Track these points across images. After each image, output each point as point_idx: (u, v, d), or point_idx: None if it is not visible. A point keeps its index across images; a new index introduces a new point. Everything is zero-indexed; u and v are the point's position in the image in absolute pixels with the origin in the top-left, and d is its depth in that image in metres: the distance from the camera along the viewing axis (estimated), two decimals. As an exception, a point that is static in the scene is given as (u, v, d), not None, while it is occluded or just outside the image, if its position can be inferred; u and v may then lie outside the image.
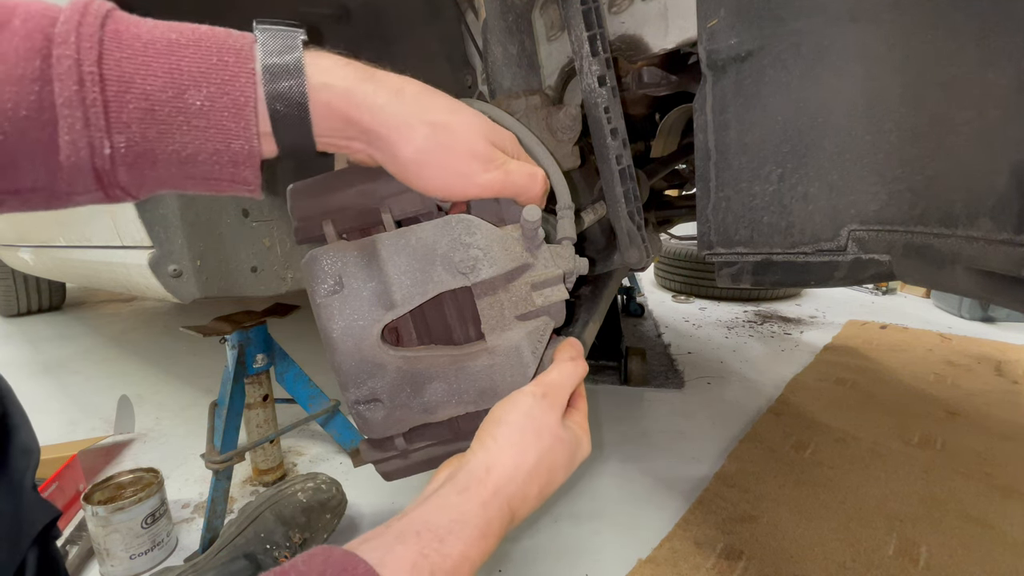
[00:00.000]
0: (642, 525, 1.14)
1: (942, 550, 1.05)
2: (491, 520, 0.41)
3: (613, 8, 0.68)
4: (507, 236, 0.49)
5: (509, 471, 0.43)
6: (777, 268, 0.60)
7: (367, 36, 1.11)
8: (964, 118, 0.41)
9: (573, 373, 0.50)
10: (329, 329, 0.48)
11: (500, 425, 0.45)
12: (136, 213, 0.85)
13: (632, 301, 2.74)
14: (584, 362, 0.53)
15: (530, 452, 0.44)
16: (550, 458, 0.45)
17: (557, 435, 0.46)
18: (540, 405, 0.46)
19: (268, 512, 1.02)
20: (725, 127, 0.56)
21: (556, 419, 0.47)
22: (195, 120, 0.34)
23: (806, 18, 0.49)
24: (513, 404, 0.46)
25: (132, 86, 0.32)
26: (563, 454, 0.46)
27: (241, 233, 1.00)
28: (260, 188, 0.39)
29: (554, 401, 0.47)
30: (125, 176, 0.34)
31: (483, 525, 0.40)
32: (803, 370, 1.99)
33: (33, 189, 0.33)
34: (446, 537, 0.38)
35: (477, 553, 0.39)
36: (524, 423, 0.45)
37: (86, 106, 0.31)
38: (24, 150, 0.31)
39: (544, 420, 0.46)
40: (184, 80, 0.33)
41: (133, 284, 1.03)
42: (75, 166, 0.32)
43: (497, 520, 0.41)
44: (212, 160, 0.35)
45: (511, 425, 0.45)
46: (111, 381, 2.10)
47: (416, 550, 0.36)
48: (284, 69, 0.36)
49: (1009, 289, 0.42)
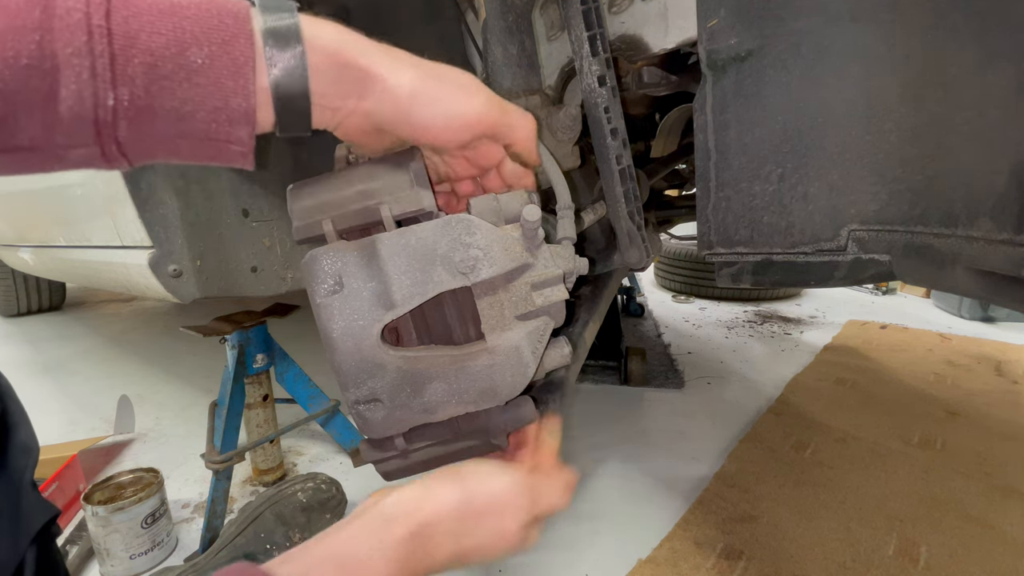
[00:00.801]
0: (642, 525, 1.14)
1: (942, 550, 1.05)
2: (409, 556, 0.41)
3: (613, 8, 0.68)
4: (507, 236, 0.49)
5: (440, 509, 0.43)
6: (777, 268, 0.60)
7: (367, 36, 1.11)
8: (964, 118, 0.41)
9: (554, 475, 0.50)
10: (329, 329, 0.48)
11: (451, 475, 0.46)
12: (136, 213, 0.85)
13: (632, 301, 2.74)
14: (558, 439, 0.53)
15: (469, 519, 0.44)
16: (481, 538, 0.44)
17: (505, 533, 0.45)
18: (514, 503, 0.46)
19: (268, 512, 1.02)
20: (725, 127, 0.56)
21: (516, 525, 0.46)
22: (196, 77, 0.34)
23: (806, 18, 0.49)
24: (490, 481, 0.46)
25: (137, 41, 0.33)
26: (495, 545, 0.45)
27: (241, 233, 1.00)
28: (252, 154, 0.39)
29: (527, 502, 0.46)
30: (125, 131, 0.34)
31: (401, 560, 0.40)
32: (803, 370, 1.99)
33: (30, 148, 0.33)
34: (362, 571, 0.38)
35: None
36: (480, 498, 0.45)
37: (94, 56, 0.32)
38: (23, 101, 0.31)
39: (506, 511, 0.45)
40: (186, 39, 0.34)
41: (133, 284, 1.03)
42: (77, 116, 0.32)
43: (416, 559, 0.41)
44: (210, 118, 0.36)
45: (446, 507, 0.44)
46: (111, 381, 2.10)
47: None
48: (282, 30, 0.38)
49: (1009, 289, 0.42)
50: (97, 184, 0.94)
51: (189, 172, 0.92)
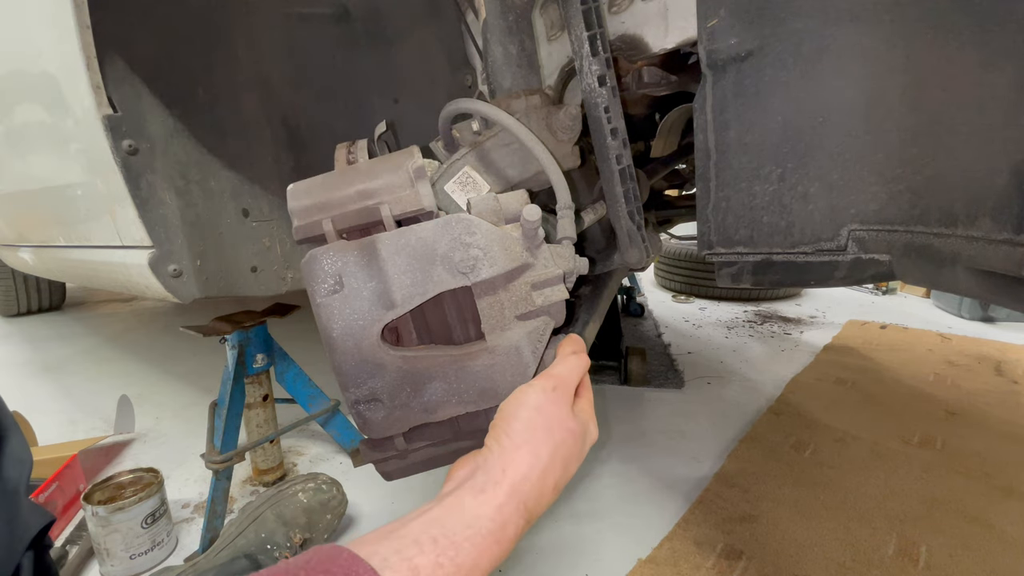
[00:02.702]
0: (642, 525, 1.14)
1: (942, 550, 1.05)
2: (506, 524, 0.41)
3: (613, 8, 0.68)
4: (507, 236, 0.49)
5: (524, 470, 0.44)
6: (777, 268, 0.60)
7: (367, 36, 1.11)
8: (964, 118, 0.41)
9: (578, 366, 0.52)
10: (329, 329, 0.48)
11: (512, 422, 0.46)
12: (136, 213, 0.85)
13: (632, 301, 2.74)
14: (586, 355, 0.54)
15: (543, 448, 0.45)
16: (563, 451, 0.47)
17: (568, 427, 0.48)
18: (550, 398, 0.48)
19: (269, 512, 1.02)
20: (725, 127, 0.56)
21: (566, 411, 0.48)
22: None
23: (806, 18, 0.49)
24: (523, 399, 0.48)
25: None
26: (575, 445, 0.48)
27: (241, 233, 1.00)
28: None
29: (563, 393, 0.49)
30: None
31: (497, 531, 0.41)
32: (803, 370, 1.99)
33: None
34: (462, 544, 0.38)
35: (488, 560, 0.40)
36: (535, 419, 0.46)
37: None
38: None
39: (555, 413, 0.47)
40: None
41: (133, 284, 1.03)
42: None
43: (512, 524, 0.42)
44: None
45: (523, 421, 0.46)
46: (111, 381, 2.10)
47: (432, 559, 0.37)
48: None
49: (1009, 289, 0.42)
50: (97, 184, 0.94)
51: (189, 172, 0.92)
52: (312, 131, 1.10)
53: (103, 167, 0.86)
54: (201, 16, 0.94)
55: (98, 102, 0.79)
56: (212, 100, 0.96)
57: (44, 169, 1.15)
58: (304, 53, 1.07)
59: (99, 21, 0.76)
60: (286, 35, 1.05)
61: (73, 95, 0.85)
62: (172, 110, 0.89)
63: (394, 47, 1.11)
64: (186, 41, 0.93)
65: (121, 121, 0.82)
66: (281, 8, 1.03)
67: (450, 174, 0.59)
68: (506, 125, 0.57)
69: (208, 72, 0.96)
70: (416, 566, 0.36)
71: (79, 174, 0.98)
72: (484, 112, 0.59)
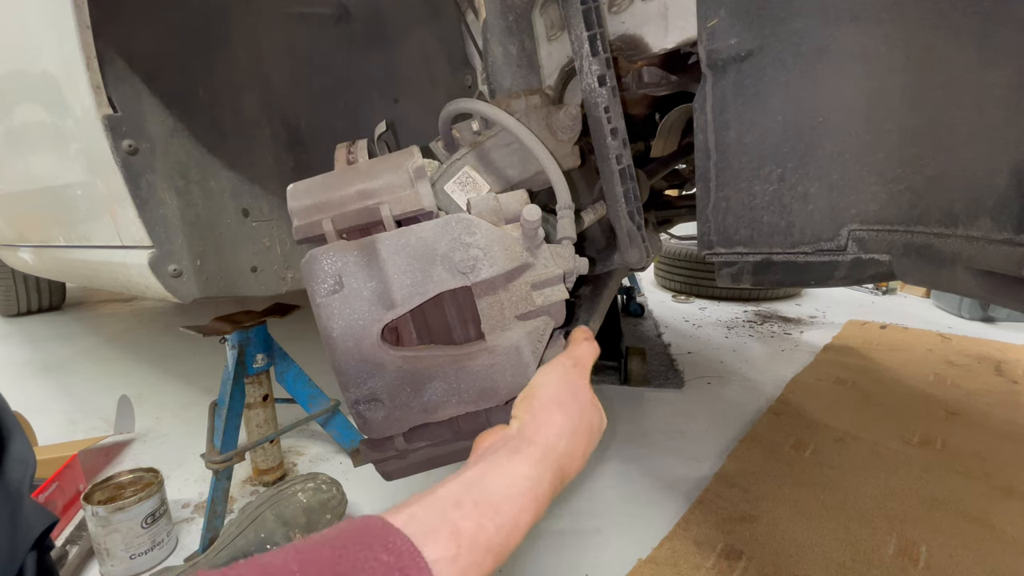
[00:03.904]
0: (642, 525, 1.14)
1: (942, 550, 1.05)
2: (542, 480, 0.42)
3: (613, 8, 0.68)
4: (507, 236, 0.49)
5: (556, 428, 0.45)
6: (777, 268, 0.60)
7: (367, 36, 1.11)
8: (964, 118, 0.41)
9: (591, 350, 0.54)
10: (329, 329, 0.48)
11: (540, 390, 0.48)
12: (136, 213, 0.85)
13: (632, 301, 2.74)
14: (596, 344, 0.57)
15: (572, 408, 0.48)
16: (588, 417, 0.49)
17: (591, 397, 0.50)
18: (572, 372, 0.50)
19: (268, 512, 1.02)
20: (725, 127, 0.56)
21: (587, 383, 0.51)
22: None
23: (806, 18, 0.49)
24: (548, 372, 0.50)
25: None
26: (596, 416, 0.51)
27: (241, 233, 1.00)
28: None
29: (582, 369, 0.52)
30: None
31: (535, 487, 0.41)
32: (803, 370, 1.99)
33: None
34: (501, 504, 0.39)
35: (526, 520, 0.40)
36: (561, 387, 0.48)
37: None
38: None
39: (579, 383, 0.50)
40: None
41: (133, 284, 1.03)
42: None
43: (547, 481, 0.43)
44: None
45: (550, 388, 0.48)
46: (111, 381, 2.10)
47: (474, 521, 0.37)
48: None
49: (1009, 289, 0.42)
50: (97, 184, 0.94)
51: (189, 172, 0.92)
52: (312, 131, 1.10)
53: (103, 167, 0.86)
54: (201, 16, 0.94)
55: (98, 102, 0.79)
56: (212, 100, 0.96)
57: (44, 169, 1.15)
58: (304, 53, 1.07)
59: (99, 21, 0.76)
60: (286, 35, 1.05)
61: (73, 95, 0.85)
62: (172, 110, 0.89)
63: (394, 47, 1.11)
64: (186, 41, 0.93)
65: (121, 121, 0.82)
66: (281, 8, 1.03)
67: (450, 174, 0.59)
68: (506, 125, 0.57)
69: (208, 72, 0.96)
70: (458, 528, 0.36)
71: (79, 174, 0.98)
72: (484, 112, 0.59)
